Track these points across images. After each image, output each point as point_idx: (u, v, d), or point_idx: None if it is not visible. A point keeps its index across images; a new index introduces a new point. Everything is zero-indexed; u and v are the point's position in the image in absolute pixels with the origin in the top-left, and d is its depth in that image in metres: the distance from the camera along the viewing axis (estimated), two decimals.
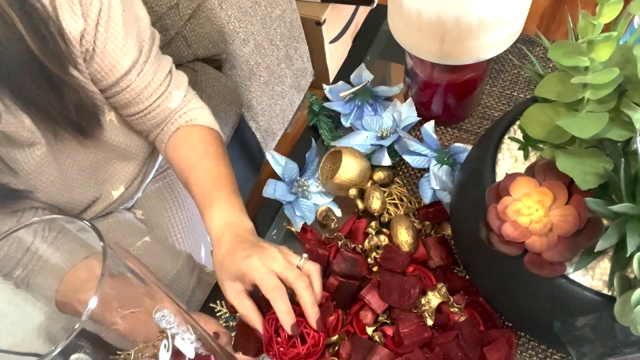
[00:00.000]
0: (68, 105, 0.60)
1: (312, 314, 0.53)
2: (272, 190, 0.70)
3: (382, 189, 0.66)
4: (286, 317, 0.52)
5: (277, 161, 0.71)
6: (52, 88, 0.58)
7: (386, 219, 0.65)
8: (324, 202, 0.69)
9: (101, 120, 0.67)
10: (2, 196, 0.61)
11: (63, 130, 0.64)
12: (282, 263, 0.54)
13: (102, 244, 0.31)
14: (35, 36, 0.53)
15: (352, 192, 0.65)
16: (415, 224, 0.63)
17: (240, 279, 0.56)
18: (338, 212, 0.68)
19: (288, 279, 0.53)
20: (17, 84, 0.55)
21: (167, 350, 0.34)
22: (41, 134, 0.60)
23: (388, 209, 0.66)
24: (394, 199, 0.67)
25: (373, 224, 0.64)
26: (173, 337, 0.36)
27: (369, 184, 0.66)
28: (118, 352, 0.35)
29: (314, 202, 0.69)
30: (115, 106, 0.69)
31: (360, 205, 0.65)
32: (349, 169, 0.64)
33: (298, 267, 0.56)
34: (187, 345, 0.36)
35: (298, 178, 0.70)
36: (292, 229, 0.68)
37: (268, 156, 0.72)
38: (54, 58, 0.56)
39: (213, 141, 0.69)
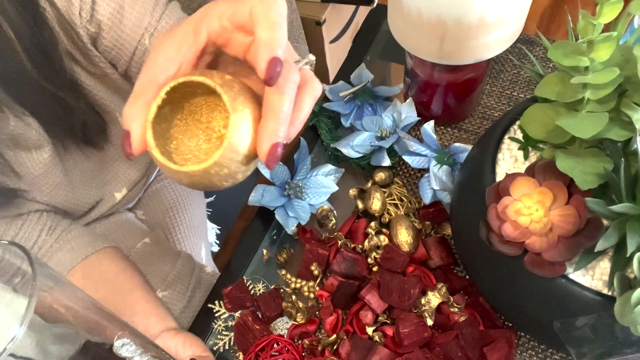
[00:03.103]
0: (75, 123, 0.60)
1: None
2: (259, 197, 0.67)
3: (382, 189, 0.66)
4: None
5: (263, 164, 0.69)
6: (61, 105, 0.58)
7: (386, 219, 0.65)
8: (319, 202, 0.68)
9: (107, 134, 0.66)
10: None
11: (70, 141, 0.64)
12: None
13: (30, 268, 0.28)
14: (39, 59, 0.53)
15: (352, 192, 0.65)
16: (415, 224, 0.63)
17: None
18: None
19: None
20: (26, 103, 0.56)
21: None
22: (48, 137, 0.61)
23: (388, 209, 0.66)
24: (394, 199, 0.67)
25: (373, 224, 0.64)
26: None
27: (370, 185, 0.66)
28: None
29: (310, 202, 0.68)
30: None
31: (360, 205, 0.65)
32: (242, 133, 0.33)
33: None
34: None
35: (289, 180, 0.69)
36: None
37: None
38: (60, 79, 0.56)
39: None
